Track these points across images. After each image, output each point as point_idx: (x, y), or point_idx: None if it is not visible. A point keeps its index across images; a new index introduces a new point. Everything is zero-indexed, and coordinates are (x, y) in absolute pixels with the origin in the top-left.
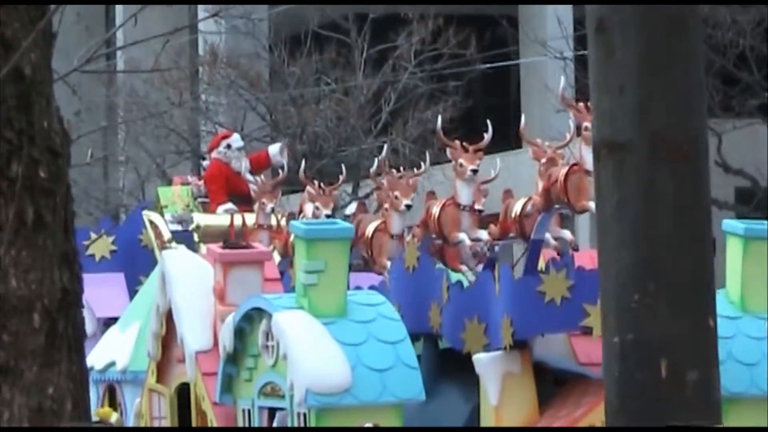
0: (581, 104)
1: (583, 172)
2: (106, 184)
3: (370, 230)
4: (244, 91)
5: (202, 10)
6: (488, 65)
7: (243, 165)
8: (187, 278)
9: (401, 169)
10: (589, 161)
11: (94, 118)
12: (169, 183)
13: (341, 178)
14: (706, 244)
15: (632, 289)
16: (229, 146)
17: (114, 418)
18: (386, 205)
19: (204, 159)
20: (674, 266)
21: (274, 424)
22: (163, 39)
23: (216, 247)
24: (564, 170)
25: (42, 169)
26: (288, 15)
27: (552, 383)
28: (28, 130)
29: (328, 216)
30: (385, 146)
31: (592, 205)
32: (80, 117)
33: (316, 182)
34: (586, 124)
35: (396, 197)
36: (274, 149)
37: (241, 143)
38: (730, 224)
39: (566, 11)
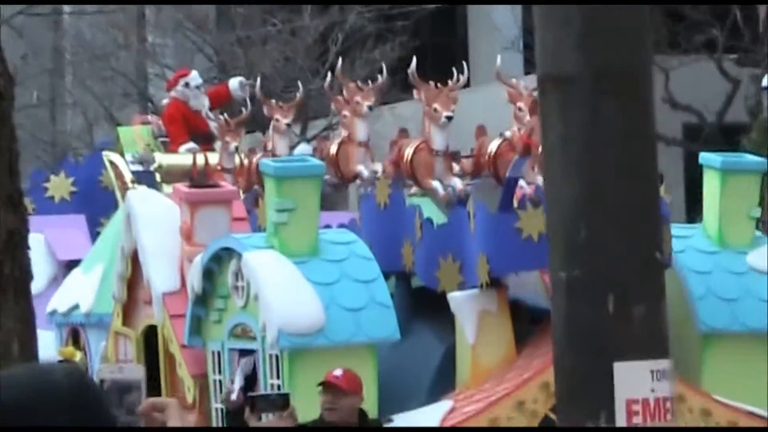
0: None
1: None
2: (53, 127)
3: (334, 148)
4: (191, 33)
5: None
6: (435, 4)
7: (203, 103)
8: (153, 218)
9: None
10: None
11: (41, 62)
12: (117, 125)
13: (299, 95)
14: (653, 177)
15: (578, 223)
16: (187, 84)
17: (78, 357)
18: (345, 112)
19: (151, 101)
20: (620, 199)
21: (238, 370)
22: None
23: (182, 187)
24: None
25: None
26: None
27: (528, 322)
28: None
29: (288, 125)
30: (339, 63)
31: None
32: (26, 60)
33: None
34: None
35: (357, 102)
36: (234, 83)
37: (199, 81)
38: (707, 157)
39: None
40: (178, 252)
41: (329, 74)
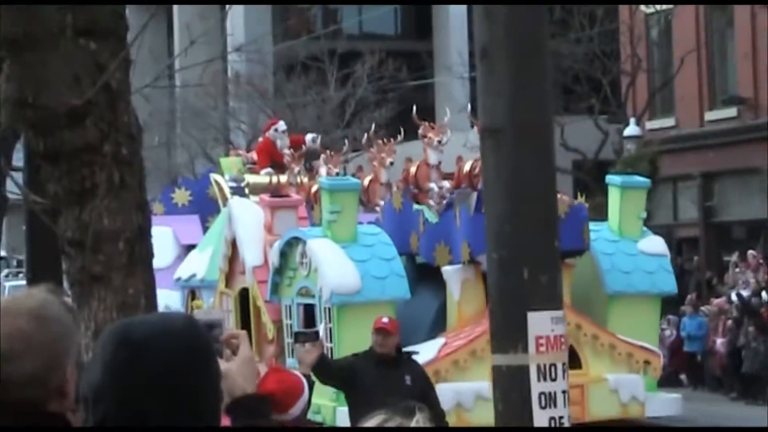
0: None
1: None
2: (168, 160)
3: (366, 181)
4: (257, 100)
5: (230, 46)
6: (414, 82)
7: (284, 142)
8: (247, 217)
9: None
10: None
11: (161, 117)
12: (211, 160)
13: (345, 148)
14: (552, 194)
15: (505, 223)
16: (276, 129)
17: (204, 306)
18: (375, 163)
19: (232, 143)
20: (532, 209)
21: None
22: (204, 64)
23: (265, 196)
24: None
25: (124, 148)
26: (284, 50)
27: None
28: (114, 123)
29: (337, 173)
30: (373, 126)
31: None
32: (152, 117)
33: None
34: None
35: (383, 156)
36: (309, 137)
37: (284, 127)
38: (611, 178)
39: (464, 47)
40: (262, 239)
41: (368, 133)
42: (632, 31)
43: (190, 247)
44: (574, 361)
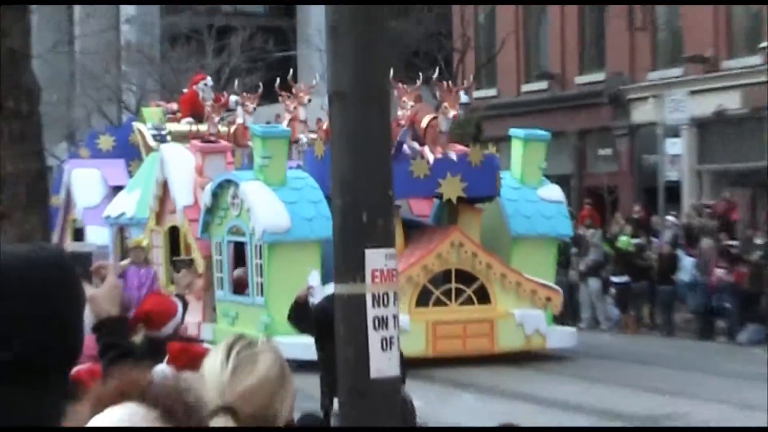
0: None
1: (438, 130)
2: (68, 115)
3: (285, 123)
4: (146, 66)
5: (123, 18)
6: (280, 54)
7: (209, 95)
8: (178, 160)
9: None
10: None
11: (62, 78)
12: (105, 116)
13: (259, 91)
14: (388, 151)
15: (348, 175)
16: (206, 84)
17: (145, 242)
18: (293, 106)
19: (122, 102)
20: (371, 163)
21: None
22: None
23: (197, 142)
24: (426, 120)
25: (24, 103)
26: (170, 23)
27: (406, 229)
28: (16, 81)
29: (254, 109)
30: (291, 73)
31: (438, 149)
32: (53, 78)
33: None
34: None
35: (302, 95)
36: (232, 98)
37: (211, 82)
38: (515, 131)
39: (323, 25)
40: (193, 181)
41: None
42: (463, 14)
43: (117, 189)
44: (485, 297)
